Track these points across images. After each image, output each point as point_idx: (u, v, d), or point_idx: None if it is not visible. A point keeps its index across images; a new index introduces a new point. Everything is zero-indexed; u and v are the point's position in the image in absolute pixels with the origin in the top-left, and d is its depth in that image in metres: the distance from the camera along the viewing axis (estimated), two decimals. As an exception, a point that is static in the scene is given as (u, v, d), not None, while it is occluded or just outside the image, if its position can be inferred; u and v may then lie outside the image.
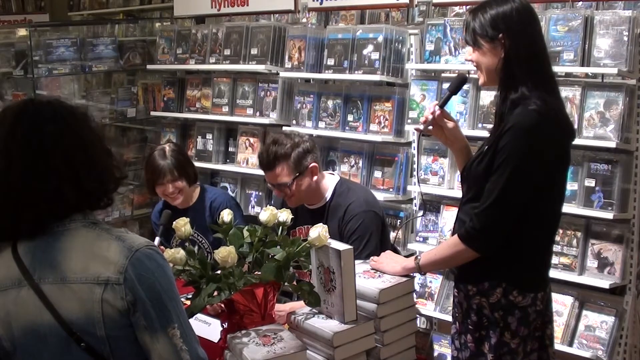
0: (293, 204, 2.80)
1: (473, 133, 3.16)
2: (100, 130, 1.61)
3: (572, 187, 2.90)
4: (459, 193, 2.43)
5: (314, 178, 2.79)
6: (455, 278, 2.25)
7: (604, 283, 2.86)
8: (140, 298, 1.47)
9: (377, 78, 3.50)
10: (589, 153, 2.92)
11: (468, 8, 2.53)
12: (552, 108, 2.01)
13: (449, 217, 3.27)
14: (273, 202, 3.88)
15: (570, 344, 2.97)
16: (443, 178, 3.35)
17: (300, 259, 2.07)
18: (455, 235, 2.10)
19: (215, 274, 2.03)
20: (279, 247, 2.08)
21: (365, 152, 3.65)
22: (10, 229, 1.51)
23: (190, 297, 2.04)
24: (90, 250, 1.48)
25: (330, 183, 2.87)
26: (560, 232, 2.95)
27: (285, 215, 2.24)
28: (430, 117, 2.27)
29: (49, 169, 1.47)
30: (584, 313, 2.98)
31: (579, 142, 2.79)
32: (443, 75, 3.39)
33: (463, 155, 2.33)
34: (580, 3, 3.27)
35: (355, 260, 1.99)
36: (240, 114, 4.22)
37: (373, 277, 2.11)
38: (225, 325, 2.16)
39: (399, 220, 3.57)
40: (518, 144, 1.97)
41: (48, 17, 7.34)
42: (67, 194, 1.48)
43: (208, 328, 2.54)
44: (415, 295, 3.31)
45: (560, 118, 2.08)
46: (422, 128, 2.31)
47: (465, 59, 2.23)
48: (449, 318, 3.05)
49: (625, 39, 2.80)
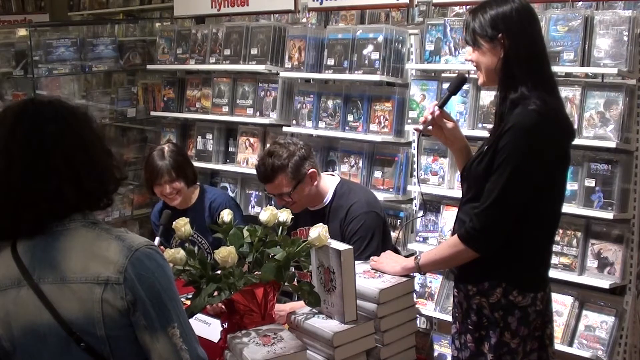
0: (296, 210, 2.80)
1: (473, 133, 3.16)
2: (101, 131, 1.61)
3: (572, 187, 2.90)
4: (459, 193, 2.43)
5: (314, 183, 2.80)
6: (455, 278, 2.25)
7: (604, 283, 2.86)
8: (140, 298, 1.46)
9: (377, 78, 3.49)
10: (589, 153, 2.92)
11: (468, 8, 2.53)
12: (552, 108, 2.02)
13: (449, 217, 3.27)
14: (274, 202, 3.89)
15: (570, 344, 2.97)
16: (443, 178, 3.35)
17: (300, 259, 2.07)
18: (455, 235, 2.10)
19: (215, 274, 2.02)
20: (279, 247, 2.08)
21: (365, 152, 3.65)
22: (10, 229, 1.51)
23: (190, 297, 2.04)
24: (90, 250, 1.48)
25: (331, 184, 2.87)
26: (560, 232, 2.95)
27: (285, 215, 2.24)
28: (430, 117, 2.27)
29: (50, 169, 1.47)
30: (584, 313, 2.98)
31: (579, 142, 2.79)
32: (443, 75, 3.39)
33: (463, 156, 2.33)
34: (580, 3, 3.27)
35: (355, 260, 1.99)
36: (240, 114, 4.22)
37: (373, 277, 2.11)
38: (225, 325, 2.16)
39: (399, 221, 3.57)
40: (518, 144, 1.97)
41: (48, 17, 7.33)
42: (67, 194, 1.48)
43: (208, 328, 2.54)
44: (415, 295, 3.31)
45: (560, 118, 2.08)
46: (421, 128, 2.31)
47: (465, 59, 2.23)
48: (449, 318, 3.05)
49: (625, 39, 2.80)
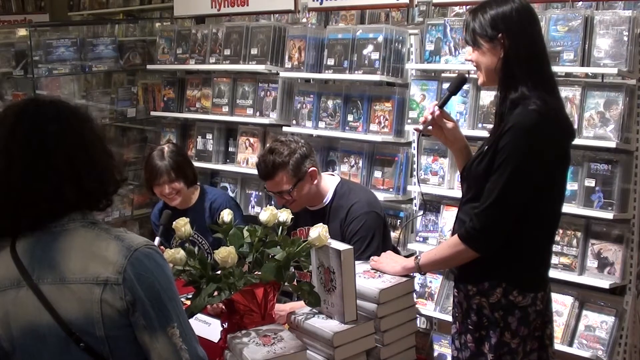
0: (295, 209, 2.80)
1: (473, 133, 3.16)
2: (102, 131, 1.61)
3: (572, 187, 2.90)
4: (459, 193, 2.42)
5: (314, 182, 2.80)
6: (455, 278, 2.25)
7: (604, 283, 2.86)
8: (140, 298, 1.46)
9: (377, 78, 3.49)
10: (589, 153, 2.92)
11: (468, 8, 2.53)
12: (552, 108, 2.01)
13: (449, 217, 3.27)
14: (274, 202, 3.89)
15: (570, 344, 2.97)
16: (443, 178, 3.35)
17: (300, 259, 2.07)
18: (455, 235, 2.10)
19: (216, 274, 2.02)
20: (279, 247, 2.08)
21: (365, 152, 3.65)
22: (10, 228, 1.51)
23: (190, 297, 2.04)
24: (89, 250, 1.48)
25: (331, 184, 2.87)
26: (560, 232, 2.95)
27: (285, 215, 2.24)
28: (430, 117, 2.27)
29: (50, 169, 1.47)
30: (584, 313, 2.98)
31: (579, 142, 2.79)
32: (443, 75, 3.39)
33: (463, 156, 2.33)
34: (580, 3, 3.27)
35: (356, 261, 1.99)
36: (240, 114, 4.22)
37: (373, 277, 2.11)
38: (225, 325, 2.16)
39: (399, 220, 3.57)
40: (518, 144, 1.97)
41: (48, 17, 7.33)
42: (67, 194, 1.48)
43: (208, 328, 2.54)
44: (415, 295, 3.31)
45: (560, 118, 2.08)
46: (421, 128, 2.31)
47: (465, 59, 2.23)
48: (449, 318, 3.05)
49: (625, 39, 2.80)
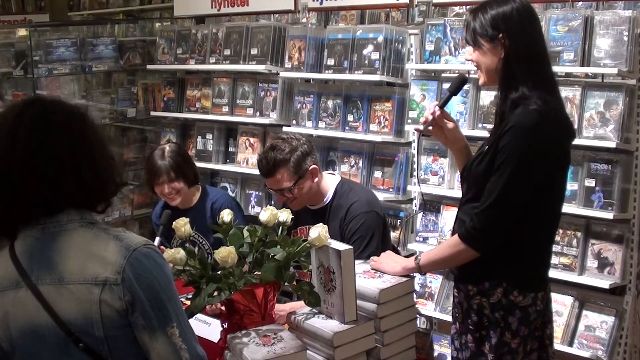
0: (296, 207, 2.80)
1: (473, 133, 3.16)
2: (104, 135, 1.64)
3: (572, 187, 2.89)
4: (459, 193, 2.42)
5: (315, 180, 2.79)
6: (455, 278, 2.25)
7: (604, 283, 2.86)
8: (139, 298, 1.46)
9: (377, 78, 3.49)
10: (589, 153, 2.92)
11: (468, 8, 2.53)
12: (552, 108, 2.01)
13: (449, 217, 3.27)
14: (274, 202, 3.89)
15: (570, 344, 2.97)
16: (443, 178, 3.35)
17: (301, 259, 2.07)
18: (456, 235, 2.10)
19: (216, 274, 2.02)
20: (279, 247, 2.08)
21: (365, 152, 3.65)
22: (9, 221, 1.51)
23: (190, 297, 2.04)
24: (88, 250, 1.48)
25: (331, 183, 2.87)
26: (560, 232, 2.95)
27: (285, 215, 2.24)
28: (430, 117, 2.27)
29: (52, 155, 1.48)
30: (584, 313, 2.98)
31: (579, 142, 2.79)
32: (443, 75, 3.39)
33: (463, 156, 2.33)
34: (580, 3, 3.27)
35: (356, 260, 1.99)
36: (240, 114, 4.22)
37: (373, 277, 2.11)
38: (225, 325, 2.16)
39: (399, 220, 3.57)
40: (518, 144, 1.97)
41: (48, 17, 7.33)
42: (66, 182, 1.49)
43: (208, 328, 2.54)
44: (415, 295, 3.31)
45: (561, 118, 2.08)
46: (422, 128, 2.31)
47: (466, 59, 2.23)
48: (449, 318, 3.04)
49: (625, 39, 2.80)
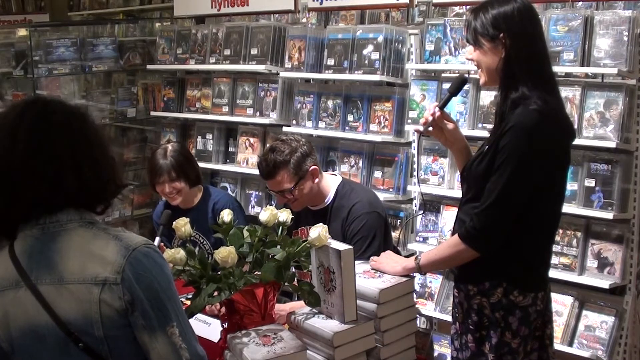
0: (297, 208, 2.80)
1: (473, 133, 3.16)
2: (105, 135, 1.64)
3: (572, 187, 2.89)
4: (459, 193, 2.42)
5: (315, 180, 2.79)
6: (456, 278, 2.25)
7: (604, 283, 2.86)
8: (138, 297, 1.46)
9: (377, 78, 3.49)
10: (589, 153, 2.92)
11: (469, 8, 2.53)
12: (552, 108, 2.02)
13: (449, 217, 3.27)
14: (274, 202, 3.89)
15: (570, 344, 2.97)
16: (443, 178, 3.35)
17: (301, 259, 2.07)
18: (456, 235, 2.10)
19: (216, 274, 2.02)
20: (279, 247, 2.08)
21: (365, 152, 3.65)
22: (9, 220, 1.51)
23: (190, 297, 2.03)
24: (88, 250, 1.48)
25: (332, 184, 2.87)
26: (560, 232, 2.95)
27: (285, 215, 2.24)
28: (430, 118, 2.27)
29: (53, 155, 1.48)
30: (584, 313, 2.98)
31: (579, 142, 2.79)
32: (443, 75, 3.39)
33: (463, 156, 2.33)
34: (580, 3, 3.27)
35: (355, 260, 1.99)
36: (240, 114, 4.22)
37: (373, 277, 2.11)
38: (225, 325, 2.16)
39: (399, 220, 3.57)
40: (519, 144, 1.97)
41: (48, 17, 7.32)
42: (67, 183, 1.49)
43: (208, 328, 2.54)
44: (415, 295, 3.31)
45: (561, 118, 2.08)
46: (422, 129, 2.31)
47: (466, 58, 2.22)
48: (449, 318, 3.04)
49: (625, 39, 2.80)
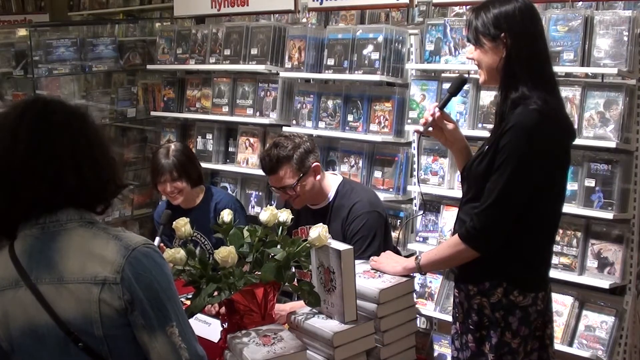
0: (298, 205, 2.80)
1: (473, 133, 3.16)
2: (105, 135, 1.65)
3: (572, 187, 2.89)
4: (459, 193, 2.42)
5: (317, 177, 2.80)
6: (456, 278, 2.25)
7: (604, 283, 2.86)
8: (138, 297, 1.46)
9: (377, 78, 3.49)
10: (589, 153, 2.92)
11: (469, 7, 2.53)
12: (552, 108, 2.02)
13: (449, 217, 3.27)
14: (274, 202, 3.89)
15: (570, 344, 2.97)
16: (443, 178, 3.35)
17: (301, 259, 2.07)
18: (456, 235, 2.10)
19: (216, 274, 2.02)
20: (279, 247, 2.08)
21: (365, 152, 3.65)
22: (8, 220, 1.51)
23: (190, 297, 2.04)
24: (87, 250, 1.48)
25: (333, 183, 2.87)
26: (560, 232, 2.95)
27: (285, 215, 2.24)
28: (430, 119, 2.27)
29: (53, 154, 1.48)
30: (584, 313, 2.98)
31: (579, 142, 2.78)
32: (443, 75, 3.39)
33: (463, 156, 2.33)
34: (580, 3, 3.27)
35: (356, 260, 1.99)
36: (240, 114, 4.22)
37: (373, 277, 2.11)
38: (225, 325, 2.16)
39: (399, 220, 3.57)
40: (519, 144, 1.97)
41: (48, 17, 7.33)
42: (67, 182, 1.49)
43: (208, 328, 2.54)
44: (415, 295, 3.31)
45: (561, 118, 2.08)
46: (422, 130, 2.31)
47: (467, 57, 2.22)
48: (449, 318, 3.04)
49: (625, 39, 2.80)
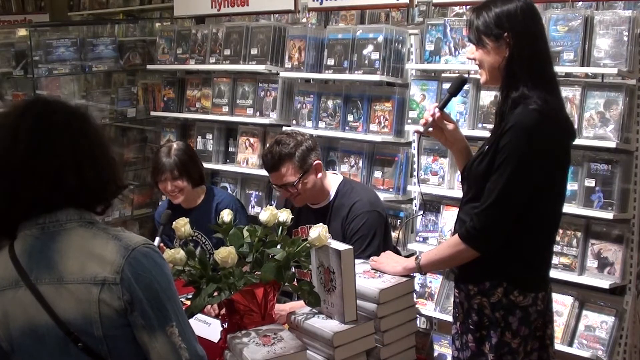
0: (299, 204, 2.81)
1: (473, 133, 3.16)
2: (105, 135, 1.65)
3: (572, 187, 2.89)
4: (459, 193, 2.43)
5: (319, 175, 2.80)
6: (456, 278, 2.25)
7: (604, 283, 2.86)
8: (138, 297, 1.46)
9: (377, 78, 3.49)
10: (589, 153, 2.92)
11: (469, 7, 2.53)
12: (552, 108, 2.01)
13: (449, 217, 3.27)
14: (274, 202, 3.89)
15: (570, 344, 2.97)
16: (443, 178, 3.35)
17: (301, 259, 2.07)
18: (456, 235, 2.10)
19: (216, 274, 2.02)
20: (279, 247, 2.08)
21: (365, 152, 3.65)
22: (7, 213, 1.51)
23: (190, 297, 2.04)
24: (87, 250, 1.48)
25: (334, 182, 2.88)
26: (560, 232, 2.95)
27: (285, 215, 2.24)
28: (430, 119, 2.27)
29: (53, 154, 1.48)
30: (584, 313, 2.98)
31: (579, 142, 2.78)
32: (443, 75, 3.39)
33: (463, 156, 2.33)
34: (580, 3, 3.27)
35: (356, 260, 1.99)
36: (240, 114, 4.22)
37: (373, 277, 2.11)
38: (225, 325, 2.16)
39: (399, 220, 3.57)
40: (519, 144, 1.97)
41: (48, 17, 7.33)
42: (67, 181, 1.49)
43: (208, 328, 2.54)
44: (415, 295, 3.31)
45: (561, 118, 2.08)
46: (422, 130, 2.31)
47: (468, 57, 2.22)
48: (449, 318, 3.04)
49: (625, 39, 2.80)
